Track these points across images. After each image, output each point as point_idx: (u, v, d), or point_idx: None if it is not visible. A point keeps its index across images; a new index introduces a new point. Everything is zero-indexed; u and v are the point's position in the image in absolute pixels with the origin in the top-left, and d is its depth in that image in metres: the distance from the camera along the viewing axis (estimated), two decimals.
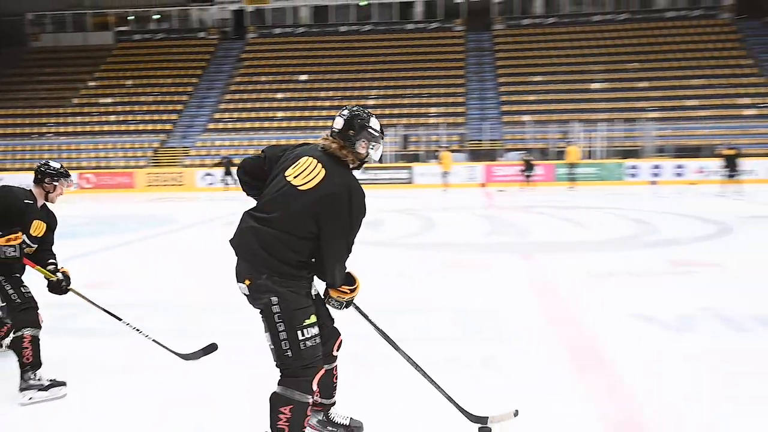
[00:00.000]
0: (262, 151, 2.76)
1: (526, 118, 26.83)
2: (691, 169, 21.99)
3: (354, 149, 2.58)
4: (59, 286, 3.86)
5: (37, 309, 3.71)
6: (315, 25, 34.19)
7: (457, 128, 26.76)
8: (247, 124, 28.19)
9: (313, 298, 2.70)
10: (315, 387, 2.58)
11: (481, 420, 2.84)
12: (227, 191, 20.78)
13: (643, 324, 4.79)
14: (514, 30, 32.51)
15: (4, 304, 3.77)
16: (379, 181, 23.22)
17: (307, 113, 28.41)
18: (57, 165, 3.92)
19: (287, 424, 2.43)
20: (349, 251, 2.62)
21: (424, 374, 2.89)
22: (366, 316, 2.86)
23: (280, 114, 28.55)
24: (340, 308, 2.72)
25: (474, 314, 5.17)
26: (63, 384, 3.59)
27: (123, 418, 3.27)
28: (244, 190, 2.83)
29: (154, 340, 3.83)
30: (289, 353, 2.45)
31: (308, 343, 2.48)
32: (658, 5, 32.27)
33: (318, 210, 2.45)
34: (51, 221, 3.92)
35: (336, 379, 2.95)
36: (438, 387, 2.87)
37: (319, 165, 2.51)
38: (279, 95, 29.76)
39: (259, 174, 2.70)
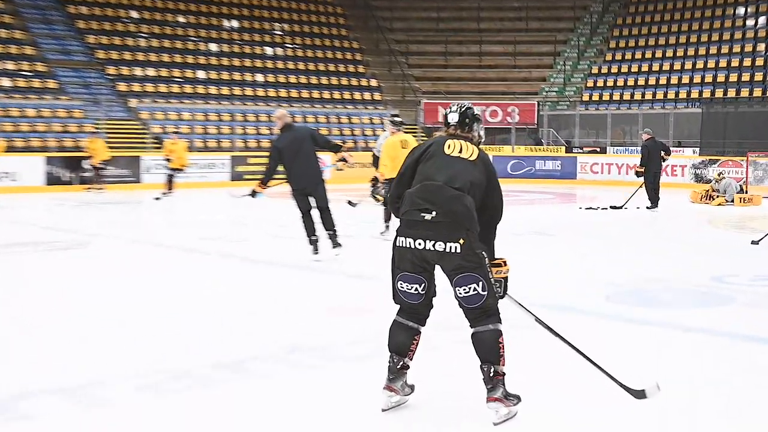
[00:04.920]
0: (402, 175, 2.69)
1: None
2: None
3: (472, 133, 2.75)
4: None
5: None
6: None
7: None
8: None
9: None
10: None
11: (640, 393, 2.59)
12: None
13: None
14: None
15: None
16: None
17: None
18: None
19: (504, 349, 2.51)
20: None
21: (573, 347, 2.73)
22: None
23: None
24: None
25: None
26: None
27: None
28: (397, 214, 2.67)
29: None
30: (496, 295, 2.53)
31: None
32: None
33: (490, 169, 2.65)
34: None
35: None
36: (595, 364, 2.67)
37: (465, 143, 2.65)
38: None
39: (403, 192, 2.64)
